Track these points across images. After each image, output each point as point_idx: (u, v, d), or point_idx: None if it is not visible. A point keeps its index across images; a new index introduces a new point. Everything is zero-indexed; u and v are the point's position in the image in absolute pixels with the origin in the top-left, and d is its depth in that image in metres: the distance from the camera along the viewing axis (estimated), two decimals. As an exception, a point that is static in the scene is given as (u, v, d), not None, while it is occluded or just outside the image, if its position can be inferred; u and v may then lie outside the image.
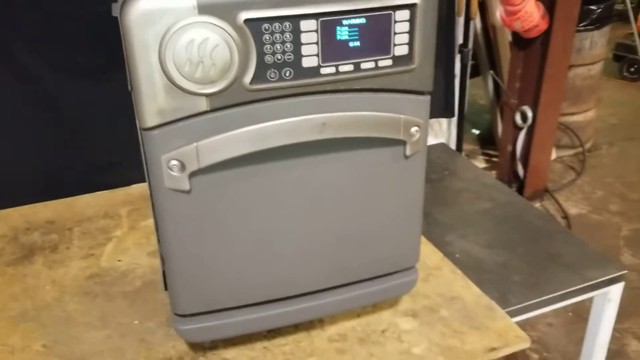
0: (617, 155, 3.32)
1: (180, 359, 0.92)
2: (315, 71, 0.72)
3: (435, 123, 2.54)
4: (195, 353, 0.93)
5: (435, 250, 1.18)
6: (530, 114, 2.61)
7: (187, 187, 0.74)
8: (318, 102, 0.74)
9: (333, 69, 0.72)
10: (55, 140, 1.43)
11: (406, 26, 0.73)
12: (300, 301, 0.89)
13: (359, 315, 1.01)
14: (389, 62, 0.75)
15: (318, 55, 0.71)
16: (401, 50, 0.75)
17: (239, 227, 0.80)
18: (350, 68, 0.73)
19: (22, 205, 1.33)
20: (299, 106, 0.73)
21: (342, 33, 0.71)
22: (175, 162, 0.72)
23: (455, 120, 2.47)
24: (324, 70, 0.72)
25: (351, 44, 0.72)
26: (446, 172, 1.68)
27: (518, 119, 2.67)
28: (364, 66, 0.74)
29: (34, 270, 1.13)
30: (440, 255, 1.17)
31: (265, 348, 0.94)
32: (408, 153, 0.82)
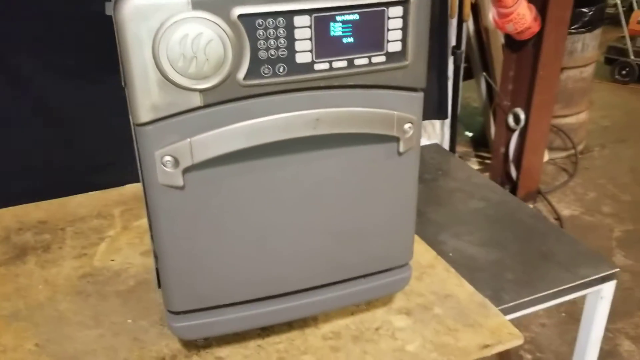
0: (609, 157, 3.34)
1: (174, 357, 0.92)
2: (308, 67, 0.72)
3: (428, 125, 2.55)
4: (189, 351, 0.93)
5: (429, 249, 1.19)
6: (522, 116, 2.63)
7: (181, 183, 0.74)
8: (312, 98, 0.74)
9: (327, 65, 0.72)
10: (48, 141, 1.42)
11: (399, 22, 0.73)
12: (294, 298, 0.89)
13: (352, 313, 1.01)
14: (383, 59, 0.75)
15: (312, 51, 0.71)
16: (394, 46, 0.75)
17: (232, 224, 0.80)
18: (343, 64, 0.73)
19: (15, 206, 1.33)
20: (293, 102, 0.73)
21: (336, 29, 0.71)
22: (168, 158, 0.72)
23: (448, 122, 2.48)
24: (317, 66, 0.72)
25: (345, 40, 0.72)
26: (440, 172, 1.69)
27: (511, 121, 2.68)
28: (357, 62, 0.74)
29: (27, 270, 1.12)
30: (434, 253, 1.17)
31: (259, 346, 0.94)
32: (401, 150, 0.83)
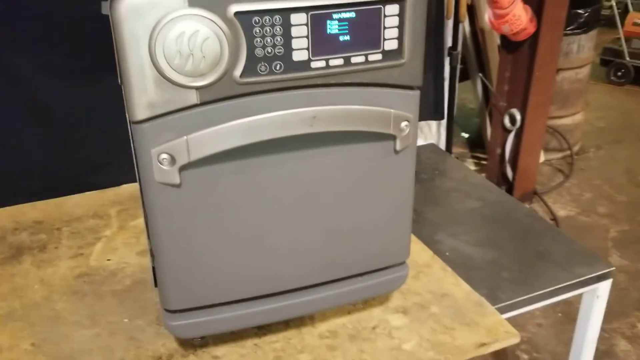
0: (605, 158, 3.35)
1: (171, 356, 0.92)
2: (305, 65, 0.72)
3: (424, 125, 2.55)
4: (186, 351, 0.93)
5: (426, 249, 1.19)
6: (518, 117, 2.63)
7: (178, 181, 0.74)
8: (308, 96, 0.74)
9: (323, 63, 0.73)
10: (44, 141, 1.42)
11: (395, 20, 0.74)
12: (291, 297, 0.89)
13: (349, 312, 1.01)
14: (379, 57, 0.75)
15: (308, 49, 0.71)
16: (391, 44, 0.75)
17: (229, 222, 0.80)
18: (340, 62, 0.73)
19: (10, 206, 1.33)
20: (290, 100, 0.73)
21: (332, 27, 0.71)
22: (165, 156, 0.72)
23: (444, 122, 2.48)
24: (314, 64, 0.72)
25: (341, 38, 0.72)
26: (436, 172, 1.69)
27: (507, 121, 2.68)
28: (354, 60, 0.74)
29: (22, 270, 1.12)
30: (430, 253, 1.17)
31: (255, 345, 0.94)
32: (398, 148, 0.83)
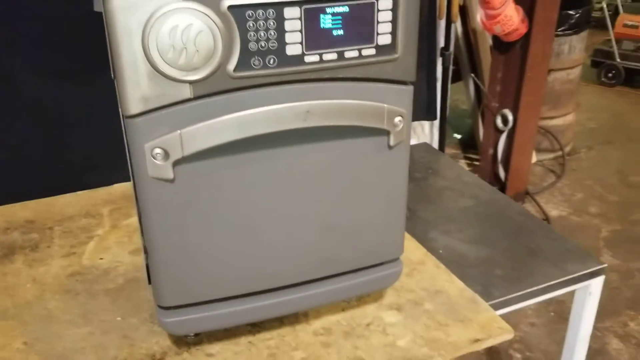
0: (596, 159, 3.37)
1: (164, 354, 0.91)
2: (299, 59, 0.72)
3: (417, 126, 2.56)
4: (179, 348, 0.92)
5: (419, 246, 1.19)
6: (510, 117, 2.64)
7: (171, 176, 0.74)
8: (302, 90, 0.74)
9: (317, 57, 0.73)
10: (36, 141, 1.41)
11: (389, 15, 0.74)
12: (285, 293, 0.89)
13: (343, 310, 1.01)
14: (373, 51, 0.75)
15: (302, 43, 0.71)
16: (384, 39, 0.75)
17: (222, 217, 0.80)
18: (334, 57, 0.73)
19: (2, 206, 1.32)
20: (283, 94, 0.73)
21: (326, 21, 0.71)
22: (158, 150, 0.71)
23: (437, 123, 2.49)
24: (307, 59, 0.72)
25: (335, 33, 0.72)
26: (429, 171, 1.69)
27: (499, 122, 2.70)
28: (347, 55, 0.74)
29: (14, 269, 1.11)
30: (424, 250, 1.18)
31: (250, 343, 0.93)
32: (392, 143, 0.83)
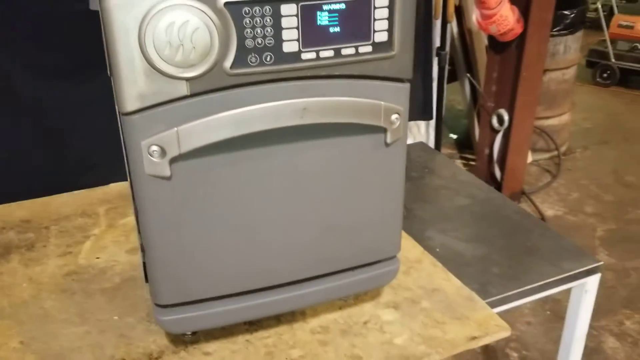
0: (592, 159, 3.38)
1: (161, 353, 0.91)
2: (295, 56, 0.72)
3: (413, 126, 2.57)
4: (177, 347, 0.92)
5: (416, 245, 1.19)
6: (506, 117, 2.65)
7: (168, 174, 0.74)
8: (299, 88, 0.74)
9: (313, 55, 0.73)
10: (33, 142, 1.41)
11: (385, 12, 0.74)
12: (282, 291, 0.89)
13: (340, 308, 1.01)
14: (369, 49, 0.75)
15: (299, 40, 0.71)
16: (381, 36, 0.75)
17: (219, 215, 0.80)
18: (330, 54, 0.73)
19: (-1, 205, 1.31)
20: (280, 91, 0.73)
21: (323, 18, 0.71)
22: (155, 148, 0.71)
23: (433, 123, 2.50)
24: (304, 56, 0.72)
25: (331, 30, 0.72)
26: (426, 170, 1.70)
27: (495, 122, 2.70)
28: (344, 52, 0.74)
29: (10, 269, 1.10)
30: (421, 249, 1.18)
31: (247, 341, 0.93)
32: (389, 141, 0.83)
